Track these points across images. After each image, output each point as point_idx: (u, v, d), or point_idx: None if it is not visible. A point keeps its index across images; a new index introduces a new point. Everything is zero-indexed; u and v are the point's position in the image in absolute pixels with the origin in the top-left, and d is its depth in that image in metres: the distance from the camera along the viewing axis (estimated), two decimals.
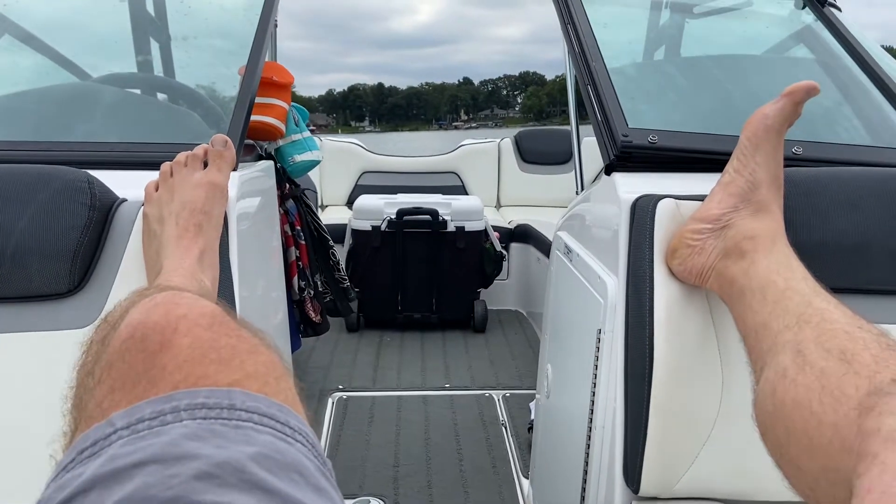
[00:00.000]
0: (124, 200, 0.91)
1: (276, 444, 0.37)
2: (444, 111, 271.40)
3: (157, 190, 0.89)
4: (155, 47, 1.54)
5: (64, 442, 0.44)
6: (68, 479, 0.35)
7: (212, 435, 0.36)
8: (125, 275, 0.86)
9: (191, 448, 0.34)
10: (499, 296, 3.43)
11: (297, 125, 1.67)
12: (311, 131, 1.73)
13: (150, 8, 1.56)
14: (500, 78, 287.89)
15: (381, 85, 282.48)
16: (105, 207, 0.87)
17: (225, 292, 0.87)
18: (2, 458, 0.81)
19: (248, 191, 1.09)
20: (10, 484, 0.80)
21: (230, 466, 0.33)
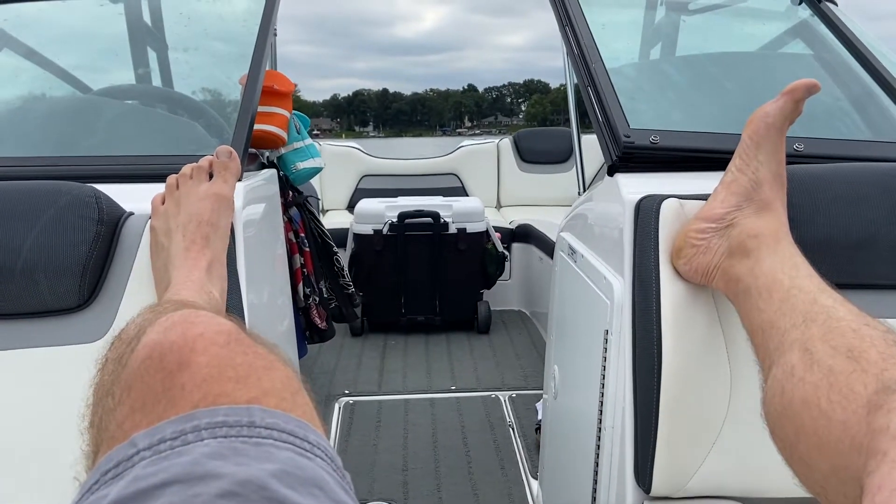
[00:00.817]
0: (131, 214, 0.92)
1: (297, 460, 0.37)
2: (449, 118, 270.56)
3: (163, 203, 0.89)
4: (154, 59, 1.54)
5: (86, 463, 0.45)
6: (93, 501, 0.35)
7: (233, 453, 0.36)
8: (134, 288, 0.86)
9: (213, 467, 0.35)
10: (502, 296, 3.44)
11: (298, 133, 1.67)
12: (315, 136, 1.73)
13: (147, 20, 1.56)
14: (504, 85, 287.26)
15: (385, 90, 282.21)
16: (112, 221, 0.88)
17: (233, 301, 0.88)
18: (14, 471, 0.81)
19: (253, 200, 1.09)
20: (24, 499, 0.81)
21: (253, 484, 0.34)
